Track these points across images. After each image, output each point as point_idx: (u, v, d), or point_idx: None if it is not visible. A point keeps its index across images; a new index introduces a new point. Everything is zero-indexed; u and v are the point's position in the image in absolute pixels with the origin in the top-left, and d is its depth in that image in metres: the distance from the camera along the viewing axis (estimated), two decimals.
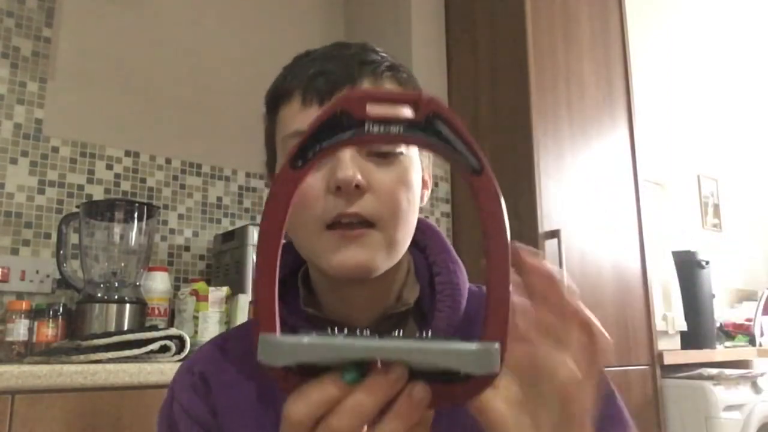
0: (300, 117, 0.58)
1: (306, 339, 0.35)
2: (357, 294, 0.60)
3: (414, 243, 0.68)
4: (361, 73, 0.59)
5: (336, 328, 0.37)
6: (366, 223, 0.56)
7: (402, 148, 0.58)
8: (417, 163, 0.61)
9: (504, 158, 1.98)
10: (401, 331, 0.58)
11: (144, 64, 1.95)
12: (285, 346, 0.35)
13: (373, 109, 0.35)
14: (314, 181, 0.56)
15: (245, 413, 0.59)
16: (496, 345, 0.35)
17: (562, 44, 2.12)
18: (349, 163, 0.55)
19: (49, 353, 1.27)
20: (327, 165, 0.56)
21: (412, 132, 0.36)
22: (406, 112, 0.36)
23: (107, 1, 1.92)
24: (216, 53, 2.05)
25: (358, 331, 0.36)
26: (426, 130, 0.36)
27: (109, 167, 1.84)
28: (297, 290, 0.64)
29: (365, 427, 0.36)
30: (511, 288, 0.36)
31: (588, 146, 2.11)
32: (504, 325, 0.36)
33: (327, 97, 0.57)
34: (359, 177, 0.55)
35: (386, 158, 0.57)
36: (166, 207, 1.91)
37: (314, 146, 0.36)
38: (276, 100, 0.62)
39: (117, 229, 1.63)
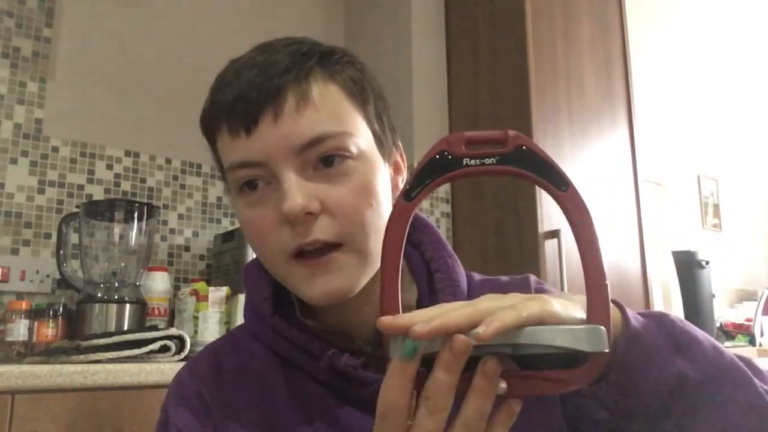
0: (231, 149, 0.54)
1: None
2: (345, 308, 0.57)
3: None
4: (283, 85, 0.53)
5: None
6: (331, 246, 0.53)
7: (352, 150, 0.54)
8: (374, 157, 0.57)
9: None
10: None
11: (144, 64, 1.95)
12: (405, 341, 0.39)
13: (470, 147, 0.42)
14: (265, 212, 0.53)
15: (251, 425, 0.56)
16: (603, 327, 0.39)
17: (562, 44, 2.12)
18: (295, 191, 0.51)
19: (49, 353, 1.27)
20: (272, 194, 0.53)
21: (504, 163, 0.42)
22: (498, 147, 0.42)
23: (107, 1, 1.92)
24: (216, 53, 2.04)
25: None
26: (515, 159, 0.42)
27: (109, 167, 1.84)
28: (292, 302, 0.61)
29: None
30: (607, 280, 0.41)
31: (588, 146, 2.11)
32: (606, 310, 0.40)
33: (252, 127, 0.52)
34: (308, 204, 0.51)
35: (332, 166, 0.53)
36: (166, 207, 1.91)
37: (423, 180, 0.43)
38: (207, 131, 0.58)
39: (117, 229, 1.63)
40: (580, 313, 0.41)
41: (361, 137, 0.56)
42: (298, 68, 0.54)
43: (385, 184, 0.57)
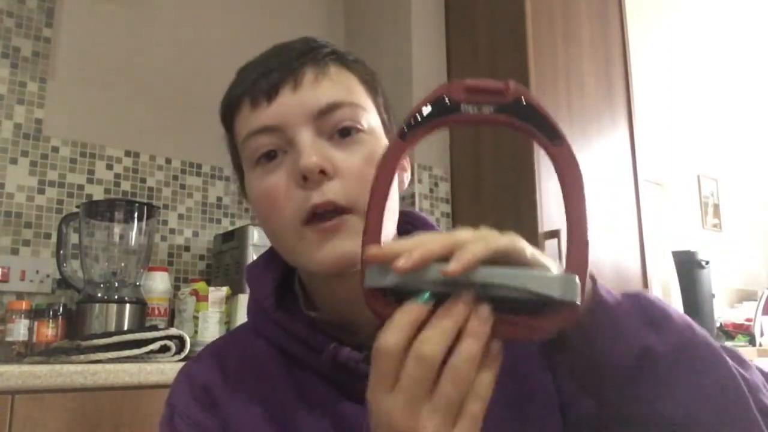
0: (251, 118, 0.57)
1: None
2: (349, 301, 0.57)
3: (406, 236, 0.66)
4: (303, 64, 0.57)
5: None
6: (342, 210, 0.54)
7: (364, 124, 0.57)
8: (383, 140, 0.59)
9: (504, 158, 1.98)
10: None
11: (144, 64, 1.95)
12: (388, 270, 0.39)
13: (470, 95, 0.42)
14: (279, 179, 0.55)
15: (256, 419, 0.56)
16: (577, 278, 0.38)
17: (562, 44, 2.12)
18: (311, 149, 0.53)
19: (49, 353, 1.27)
20: (288, 160, 0.55)
21: (501, 112, 0.42)
22: (498, 97, 0.42)
23: (107, 1, 1.92)
24: (216, 53, 2.05)
25: None
26: (512, 110, 0.42)
27: (109, 167, 1.84)
28: (294, 295, 0.62)
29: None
30: (589, 236, 0.40)
31: (588, 146, 2.11)
32: (584, 266, 0.40)
33: (273, 95, 0.56)
34: (323, 162, 0.53)
35: (348, 137, 0.56)
36: (166, 207, 1.91)
37: (420, 121, 0.42)
38: (228, 114, 0.61)
39: (117, 229, 1.63)
40: (551, 264, 0.42)
41: (372, 117, 0.59)
42: (315, 53, 0.59)
43: None
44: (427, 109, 0.42)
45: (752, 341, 2.82)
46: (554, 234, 1.85)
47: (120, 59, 1.91)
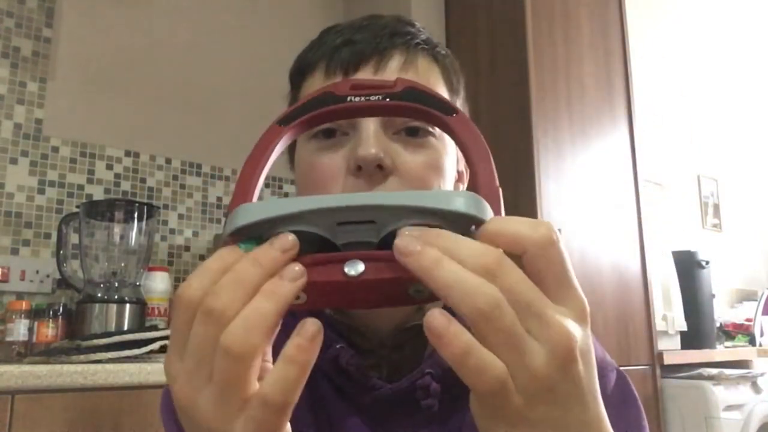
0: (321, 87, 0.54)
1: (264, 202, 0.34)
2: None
3: None
4: (392, 44, 0.53)
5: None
6: None
7: (436, 129, 0.52)
8: (451, 148, 0.54)
9: (504, 158, 1.98)
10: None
11: (144, 64, 1.95)
12: (247, 209, 0.34)
13: (356, 90, 0.41)
14: (333, 160, 0.51)
15: None
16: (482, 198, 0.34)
17: (562, 44, 2.12)
18: (372, 140, 0.49)
19: (49, 353, 1.27)
20: (349, 143, 0.51)
21: (389, 99, 0.40)
22: (385, 89, 0.40)
23: (107, 1, 1.92)
24: (216, 53, 2.05)
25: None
26: (402, 97, 0.40)
27: (109, 167, 1.84)
28: None
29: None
30: (497, 185, 0.36)
31: (588, 146, 2.11)
32: (497, 208, 0.36)
33: (351, 69, 0.52)
34: (382, 156, 0.48)
35: (415, 136, 0.51)
36: (166, 207, 1.92)
37: (302, 111, 0.41)
38: (299, 74, 0.57)
39: (117, 229, 1.63)
40: None
41: None
42: (408, 36, 0.55)
43: (451, 176, 0.55)
44: (311, 103, 0.40)
45: (752, 341, 2.82)
46: None
47: (120, 59, 1.91)
